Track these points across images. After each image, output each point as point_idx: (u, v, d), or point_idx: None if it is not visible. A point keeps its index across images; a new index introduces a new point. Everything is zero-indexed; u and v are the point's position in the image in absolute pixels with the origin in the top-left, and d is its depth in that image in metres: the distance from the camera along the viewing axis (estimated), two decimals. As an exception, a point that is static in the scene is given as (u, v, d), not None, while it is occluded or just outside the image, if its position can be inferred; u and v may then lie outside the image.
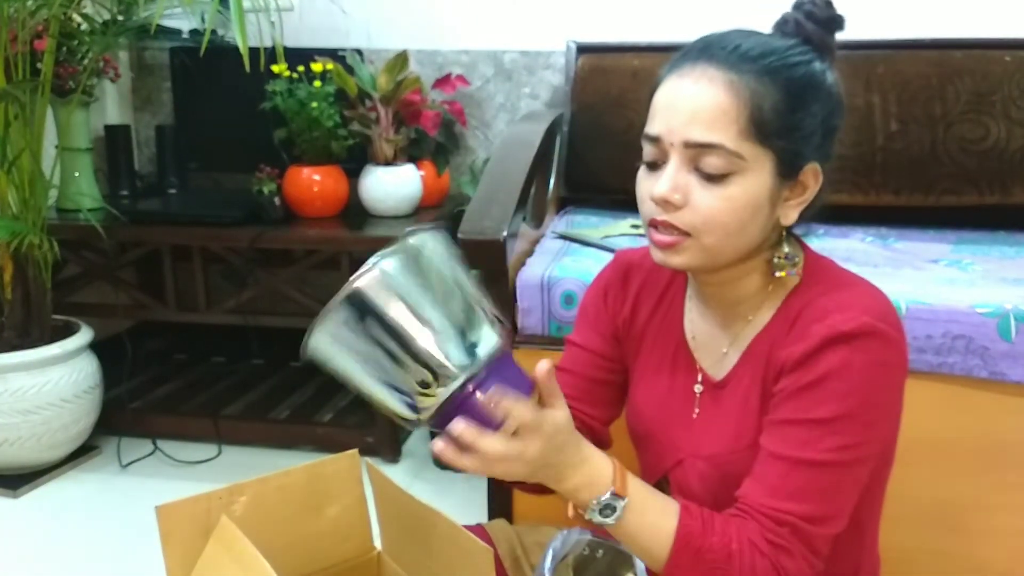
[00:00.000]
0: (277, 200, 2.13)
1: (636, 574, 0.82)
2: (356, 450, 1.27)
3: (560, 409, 0.74)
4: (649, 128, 0.82)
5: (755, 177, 0.79)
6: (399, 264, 0.71)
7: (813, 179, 0.84)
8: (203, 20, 2.31)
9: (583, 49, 2.23)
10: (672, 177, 0.79)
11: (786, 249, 0.85)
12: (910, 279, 1.51)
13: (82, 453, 2.06)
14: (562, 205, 2.21)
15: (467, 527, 1.00)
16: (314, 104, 2.09)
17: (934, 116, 1.97)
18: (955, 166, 1.97)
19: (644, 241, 0.88)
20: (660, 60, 0.87)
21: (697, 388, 0.92)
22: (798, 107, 0.80)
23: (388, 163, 2.19)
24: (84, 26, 2.10)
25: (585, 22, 2.33)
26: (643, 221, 0.85)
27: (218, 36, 2.42)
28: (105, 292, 2.30)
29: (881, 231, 1.95)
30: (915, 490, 1.32)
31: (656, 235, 0.82)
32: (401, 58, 2.16)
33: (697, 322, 0.93)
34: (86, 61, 2.11)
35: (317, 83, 2.12)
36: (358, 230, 2.08)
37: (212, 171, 2.58)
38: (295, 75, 2.12)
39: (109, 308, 2.31)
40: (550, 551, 0.82)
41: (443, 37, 2.44)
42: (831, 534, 0.79)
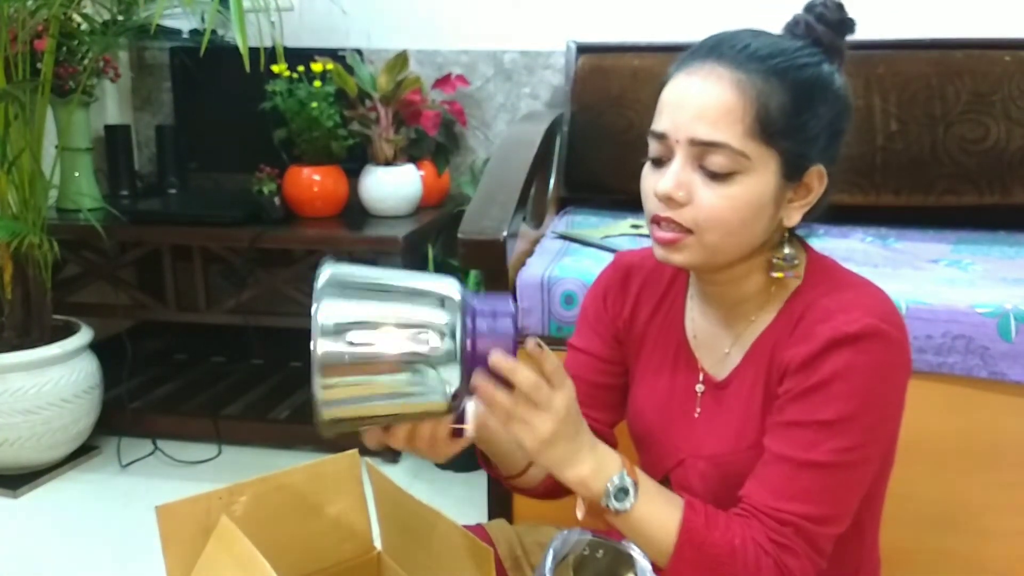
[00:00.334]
0: (277, 200, 2.14)
1: (636, 574, 0.82)
2: (356, 450, 1.27)
3: (571, 387, 0.75)
4: (655, 125, 0.82)
5: (759, 177, 0.79)
6: (333, 282, 0.78)
7: (818, 181, 0.84)
8: (203, 20, 2.31)
9: (583, 49, 2.23)
10: (676, 174, 0.80)
11: (786, 251, 0.85)
12: (910, 279, 1.51)
13: (82, 453, 2.07)
14: (562, 205, 2.22)
15: (467, 527, 1.00)
16: (314, 104, 2.09)
17: (934, 116, 1.97)
18: (955, 166, 1.97)
19: (644, 241, 0.88)
20: (660, 60, 0.87)
21: (699, 388, 0.92)
22: (805, 108, 0.80)
23: (388, 163, 2.20)
24: (84, 26, 2.11)
25: (585, 22, 2.33)
26: (646, 217, 0.85)
27: (218, 36, 2.42)
28: (105, 292, 2.31)
29: (881, 231, 1.95)
30: (915, 490, 1.32)
31: (659, 232, 0.83)
32: (401, 58, 2.17)
33: (698, 321, 0.93)
34: (86, 61, 2.11)
35: (317, 83, 2.12)
36: (358, 230, 2.08)
37: (212, 171, 2.58)
38: (295, 75, 2.13)
39: (109, 308, 2.32)
40: (550, 551, 0.82)
41: (443, 37, 2.44)
42: (835, 534, 0.80)
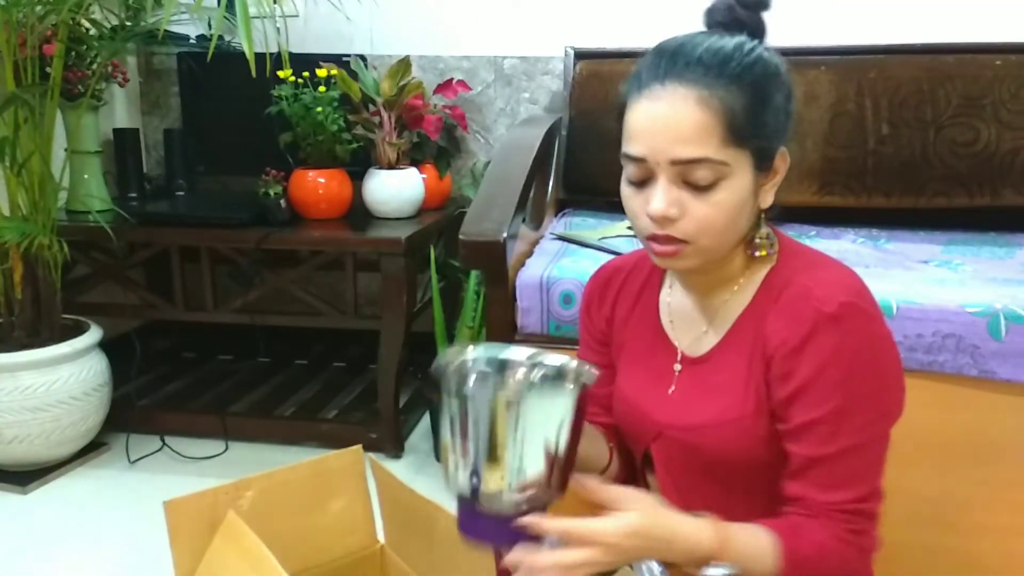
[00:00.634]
0: (283, 202, 2.16)
1: (632, 566, 0.85)
2: (360, 446, 1.30)
3: (624, 514, 0.77)
4: (630, 149, 0.85)
5: (739, 177, 0.83)
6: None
7: (782, 162, 0.88)
8: (210, 26, 2.33)
9: (581, 55, 2.26)
10: (665, 194, 0.83)
11: (765, 230, 0.90)
12: (900, 279, 1.53)
13: (91, 450, 2.09)
14: (561, 207, 2.24)
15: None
16: (319, 109, 2.12)
17: (925, 120, 1.99)
18: (946, 169, 1.99)
19: (641, 243, 0.92)
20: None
21: (676, 367, 0.95)
22: (764, 103, 0.84)
23: (391, 166, 2.22)
24: (93, 31, 2.13)
25: (583, 29, 2.35)
26: (640, 235, 0.88)
27: (225, 42, 2.45)
28: (114, 292, 2.33)
29: (872, 232, 1.97)
30: (906, 487, 1.33)
31: (657, 247, 0.86)
32: (404, 64, 2.19)
33: (674, 306, 0.97)
34: (95, 66, 2.13)
35: (322, 88, 2.14)
36: (362, 231, 2.10)
37: (219, 174, 2.61)
38: (300, 80, 2.15)
39: (118, 308, 2.34)
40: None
41: (445, 43, 2.47)
42: (881, 502, 0.85)
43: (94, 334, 2.04)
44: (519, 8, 2.41)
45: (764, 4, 0.88)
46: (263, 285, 2.21)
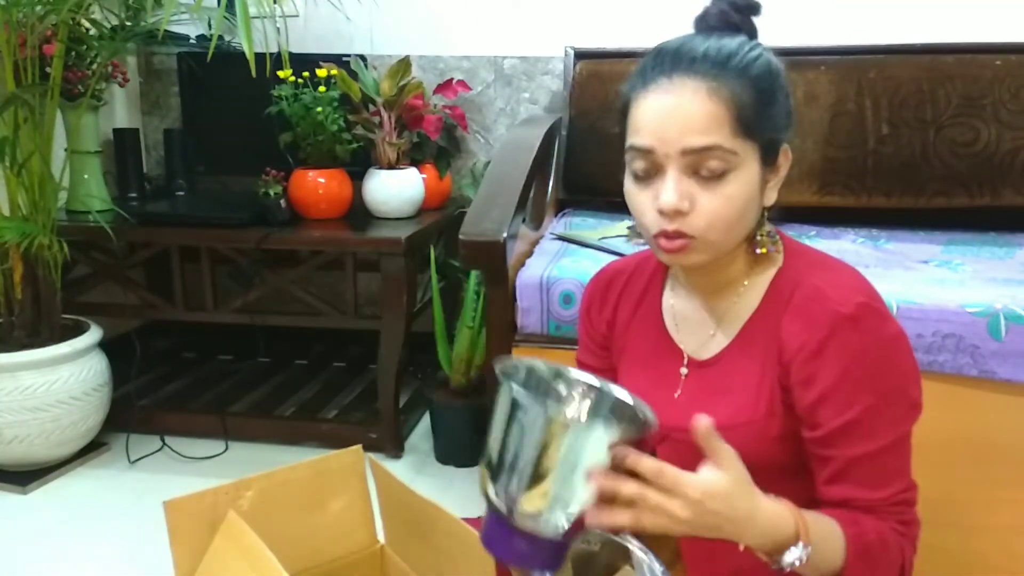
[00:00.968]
0: (283, 202, 2.16)
1: (633, 566, 0.84)
2: (360, 446, 1.30)
3: (716, 472, 0.73)
4: (637, 140, 0.85)
5: (747, 170, 0.83)
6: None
7: (785, 159, 0.89)
8: (210, 26, 2.33)
9: (581, 55, 2.26)
10: (676, 186, 0.82)
11: (767, 228, 0.90)
12: (900, 279, 1.53)
13: (91, 450, 2.09)
14: (561, 207, 2.24)
15: (468, 520, 1.03)
16: (319, 109, 2.12)
17: (925, 120, 1.99)
18: (945, 169, 1.99)
19: (640, 243, 0.91)
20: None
21: (683, 371, 0.95)
22: (770, 97, 0.84)
23: (391, 166, 2.22)
24: (92, 31, 2.13)
25: (583, 29, 2.35)
26: (646, 232, 0.87)
27: (225, 42, 2.45)
28: (114, 292, 2.33)
29: (872, 232, 1.97)
30: None
31: (666, 243, 0.85)
32: (404, 64, 2.19)
33: (679, 309, 0.97)
34: (95, 66, 2.13)
35: (322, 88, 2.15)
36: (362, 231, 2.10)
37: (219, 174, 2.61)
38: (300, 80, 2.15)
39: (118, 308, 2.34)
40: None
41: (445, 43, 2.47)
42: (917, 489, 0.85)
43: (94, 334, 2.04)
44: (519, 8, 2.41)
45: (756, 8, 0.89)
46: (263, 285, 2.21)
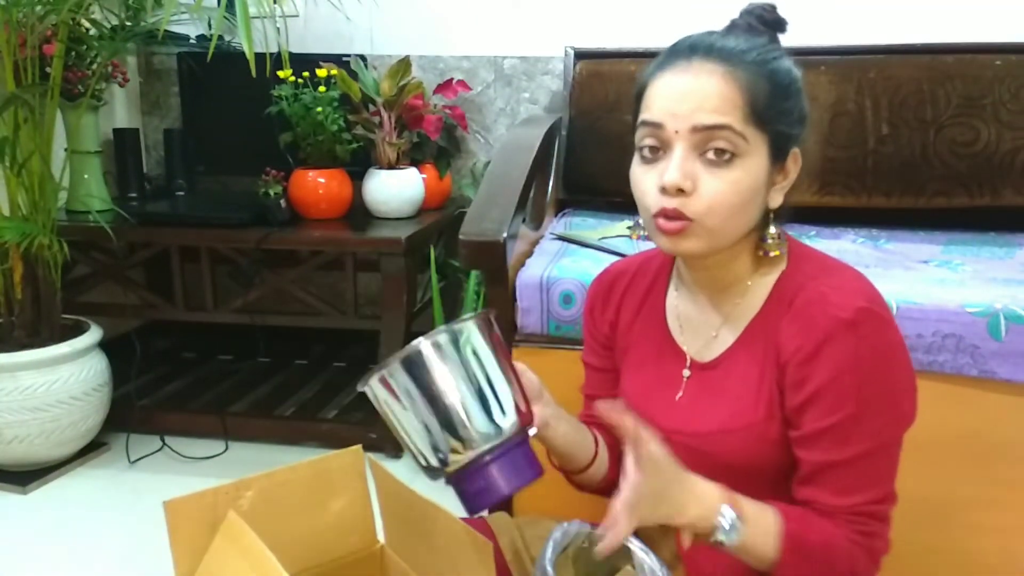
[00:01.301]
0: (283, 202, 2.16)
1: (634, 566, 0.85)
2: (359, 446, 1.29)
3: (652, 445, 0.78)
4: (648, 115, 0.85)
5: (755, 160, 0.83)
6: (447, 340, 0.81)
7: (794, 164, 0.90)
8: (210, 26, 2.33)
9: (581, 55, 2.26)
10: (681, 164, 0.82)
11: (774, 230, 0.89)
12: (900, 279, 1.53)
13: (91, 450, 2.09)
14: (561, 207, 2.24)
15: (468, 520, 1.02)
16: (319, 109, 2.12)
17: (925, 120, 1.99)
18: (945, 169, 1.99)
19: (641, 243, 0.91)
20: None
21: (685, 373, 0.95)
22: (784, 95, 0.85)
23: (391, 166, 2.23)
24: (93, 31, 2.13)
25: (583, 29, 2.36)
26: (646, 214, 0.87)
27: (225, 42, 2.45)
28: (114, 292, 2.34)
29: (872, 232, 1.97)
30: (905, 487, 1.32)
31: (665, 223, 0.84)
32: (404, 64, 2.19)
33: (682, 310, 0.97)
34: (95, 66, 2.13)
35: (322, 88, 2.15)
36: (362, 231, 2.10)
37: (219, 174, 2.62)
38: (300, 80, 2.15)
39: (118, 307, 2.34)
40: (551, 543, 0.85)
41: (445, 43, 2.47)
42: (894, 504, 0.85)
43: (94, 334, 2.04)
44: (519, 8, 2.41)
45: (782, 25, 0.90)
46: (263, 285, 2.21)
